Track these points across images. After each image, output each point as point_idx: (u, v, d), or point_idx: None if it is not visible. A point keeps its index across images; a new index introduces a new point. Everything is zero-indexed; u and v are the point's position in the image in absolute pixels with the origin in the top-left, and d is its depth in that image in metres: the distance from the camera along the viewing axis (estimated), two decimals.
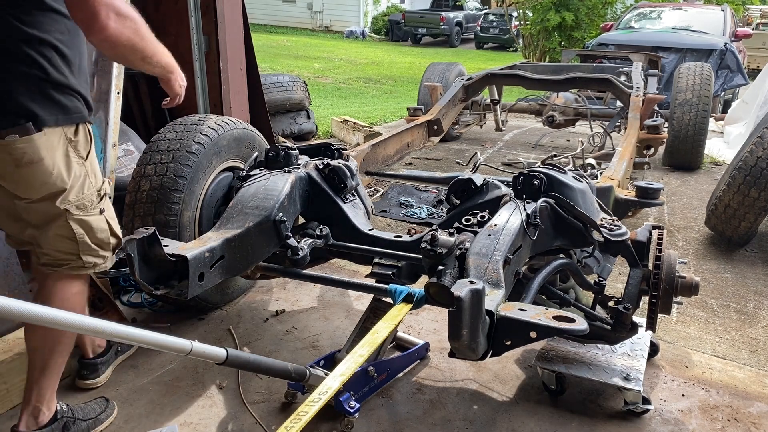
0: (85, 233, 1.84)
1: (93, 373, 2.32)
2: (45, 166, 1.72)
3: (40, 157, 1.71)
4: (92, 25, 1.66)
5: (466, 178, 2.26)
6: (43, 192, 1.75)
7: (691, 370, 2.52)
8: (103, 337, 1.95)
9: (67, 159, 1.77)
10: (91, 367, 2.33)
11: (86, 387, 2.31)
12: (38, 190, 1.74)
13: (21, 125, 1.66)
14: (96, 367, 2.33)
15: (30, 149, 1.69)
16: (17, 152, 1.68)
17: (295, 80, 6.00)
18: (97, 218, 1.87)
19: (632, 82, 5.27)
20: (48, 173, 1.73)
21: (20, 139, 1.67)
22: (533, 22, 14.19)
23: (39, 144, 1.70)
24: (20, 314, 1.22)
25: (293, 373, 1.93)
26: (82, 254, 1.85)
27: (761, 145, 3.42)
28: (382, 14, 26.24)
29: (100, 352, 2.36)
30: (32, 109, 1.67)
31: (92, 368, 2.33)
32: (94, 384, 2.31)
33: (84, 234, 1.84)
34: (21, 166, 1.70)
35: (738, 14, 13.93)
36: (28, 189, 1.74)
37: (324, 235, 2.22)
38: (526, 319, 1.54)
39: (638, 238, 2.15)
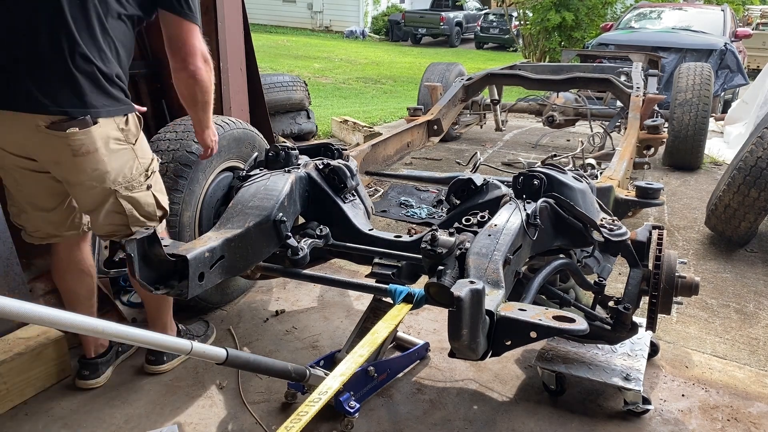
0: (133, 207, 2.03)
1: (93, 374, 2.32)
2: (99, 155, 1.90)
3: (95, 147, 1.88)
4: (187, 65, 2.01)
5: (466, 178, 2.26)
6: (95, 177, 1.92)
7: (691, 370, 2.52)
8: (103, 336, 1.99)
9: (118, 146, 1.95)
10: (92, 367, 2.33)
11: (86, 387, 2.31)
12: (90, 175, 1.92)
13: (81, 119, 1.82)
14: (96, 367, 2.33)
15: (87, 140, 1.86)
16: (76, 143, 1.84)
17: (295, 80, 6.00)
18: (145, 194, 2.06)
19: (632, 82, 5.27)
20: (100, 161, 1.91)
21: (80, 131, 1.83)
22: (533, 22, 14.18)
23: (95, 135, 1.87)
24: (20, 314, 1.22)
25: (293, 373, 1.93)
26: (131, 225, 2.03)
27: (761, 145, 3.42)
28: (382, 14, 26.22)
29: (102, 351, 2.36)
30: (91, 102, 1.84)
31: (92, 368, 2.33)
32: (94, 384, 2.31)
33: (132, 208, 2.03)
34: (78, 155, 1.87)
35: (738, 14, 13.93)
36: (80, 174, 1.91)
37: (324, 235, 2.21)
38: (526, 319, 1.53)
39: (638, 238, 2.14)
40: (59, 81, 1.80)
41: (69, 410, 2.20)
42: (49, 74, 1.79)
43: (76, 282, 2.26)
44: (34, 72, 1.79)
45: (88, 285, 2.29)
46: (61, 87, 1.80)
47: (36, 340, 2.29)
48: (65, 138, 1.83)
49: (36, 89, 1.78)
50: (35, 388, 2.27)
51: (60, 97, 1.80)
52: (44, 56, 1.78)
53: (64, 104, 1.81)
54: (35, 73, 1.79)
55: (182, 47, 2.01)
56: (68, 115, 1.81)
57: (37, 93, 1.78)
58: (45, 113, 1.80)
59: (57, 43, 1.78)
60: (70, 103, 1.81)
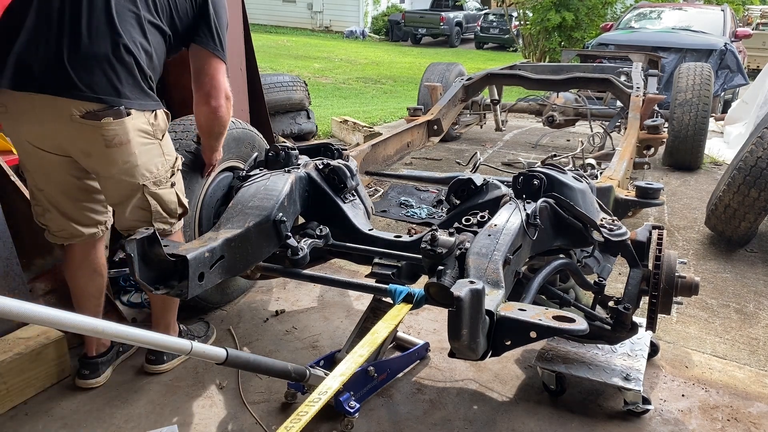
0: (158, 204, 2.08)
1: (93, 373, 2.32)
2: (131, 147, 1.94)
3: (128, 138, 1.92)
4: (210, 100, 2.14)
5: (466, 178, 2.26)
6: (125, 169, 1.97)
7: (691, 370, 2.52)
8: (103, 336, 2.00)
9: (147, 140, 1.99)
10: (92, 367, 2.33)
11: (85, 387, 2.31)
12: (121, 167, 1.96)
13: (115, 108, 1.86)
14: (96, 367, 2.33)
15: (121, 131, 1.90)
16: (110, 133, 1.89)
17: (295, 80, 6.00)
18: (169, 191, 2.11)
19: (632, 82, 5.27)
20: (132, 153, 1.95)
21: (114, 121, 1.87)
22: (533, 22, 14.18)
23: (128, 126, 1.91)
24: (20, 314, 1.22)
25: (293, 373, 1.93)
26: (153, 221, 2.08)
27: (761, 145, 3.42)
28: (382, 14, 26.22)
29: (103, 351, 2.36)
30: (126, 93, 1.88)
31: (92, 367, 2.33)
32: (93, 384, 2.31)
33: (157, 204, 2.08)
34: (111, 146, 1.91)
35: (738, 14, 13.92)
36: (111, 166, 1.96)
37: (324, 235, 2.21)
38: (526, 319, 1.53)
39: (638, 238, 2.14)
40: (98, 69, 1.84)
41: (69, 410, 2.20)
42: (89, 61, 1.83)
43: (88, 280, 2.27)
44: (74, 58, 1.82)
45: (98, 284, 2.31)
46: (100, 75, 1.84)
47: (36, 340, 2.29)
48: (99, 128, 1.87)
49: (75, 75, 1.81)
50: (35, 388, 2.27)
51: (97, 85, 1.84)
52: (86, 43, 1.82)
53: (101, 92, 1.84)
54: (75, 59, 1.82)
55: (208, 83, 2.13)
56: (104, 102, 1.85)
57: (75, 79, 1.81)
58: (81, 99, 1.83)
59: (100, 31, 1.83)
60: (106, 92, 1.85)
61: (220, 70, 2.16)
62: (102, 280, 2.32)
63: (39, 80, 1.83)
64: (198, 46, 2.13)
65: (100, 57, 1.83)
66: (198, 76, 2.16)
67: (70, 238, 2.18)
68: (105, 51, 1.84)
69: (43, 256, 2.48)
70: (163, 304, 2.37)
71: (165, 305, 2.37)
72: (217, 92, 2.15)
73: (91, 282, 2.28)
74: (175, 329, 2.46)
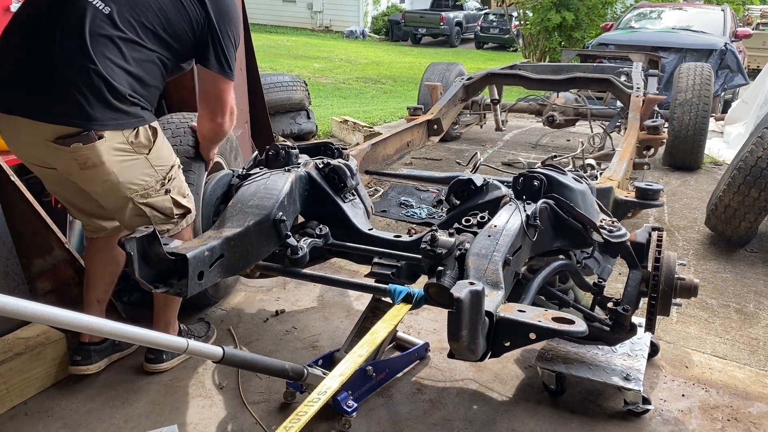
0: (153, 210, 2.11)
1: (85, 360, 2.33)
2: (106, 168, 1.95)
3: (101, 161, 1.92)
4: (215, 117, 2.21)
5: (466, 179, 2.26)
6: (107, 188, 2.01)
7: (691, 370, 2.52)
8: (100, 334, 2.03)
9: (127, 157, 1.99)
10: (84, 353, 2.33)
11: (76, 373, 2.31)
12: (102, 186, 2.00)
13: (84, 134, 1.86)
14: (89, 354, 2.33)
15: (93, 155, 1.90)
16: (81, 158, 1.90)
17: (295, 80, 6.00)
18: (162, 198, 2.12)
19: (632, 83, 5.27)
20: (109, 172, 1.96)
21: (84, 146, 1.88)
22: (533, 22, 14.18)
23: (100, 150, 1.90)
24: (21, 313, 1.22)
25: (291, 371, 1.93)
26: (154, 224, 2.10)
27: (761, 145, 3.42)
28: (382, 14, 26.22)
29: (96, 340, 2.36)
30: (96, 116, 1.87)
31: (84, 354, 2.33)
32: (85, 371, 2.32)
33: (153, 210, 2.11)
34: (85, 168, 1.93)
35: (738, 14, 13.92)
36: (92, 185, 2.01)
37: (324, 235, 2.21)
38: (526, 320, 1.53)
39: (638, 240, 2.14)
40: (68, 94, 1.85)
41: (69, 410, 2.20)
42: (60, 87, 1.85)
43: (105, 266, 2.35)
44: (47, 83, 1.86)
45: (112, 271, 2.38)
46: (70, 100, 1.85)
47: (36, 340, 2.29)
48: (71, 153, 1.89)
49: (48, 100, 1.85)
50: (35, 388, 2.27)
51: (68, 110, 1.86)
52: (57, 69, 1.85)
53: (71, 116, 1.86)
54: (49, 84, 1.86)
55: (214, 102, 2.19)
56: (75, 126, 1.86)
57: (48, 104, 1.85)
58: (53, 123, 1.86)
59: (71, 57, 1.85)
60: (76, 116, 1.86)
61: (226, 90, 2.20)
62: (117, 268, 2.39)
63: (23, 104, 1.88)
64: (203, 67, 2.15)
65: (69, 83, 1.84)
66: (203, 95, 2.21)
67: (97, 232, 2.31)
68: (74, 76, 1.84)
69: (43, 256, 2.47)
70: (164, 302, 2.39)
71: (166, 303, 2.39)
72: (223, 111, 2.22)
73: (108, 268, 2.36)
74: (174, 328, 2.47)
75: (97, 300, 2.36)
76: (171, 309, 2.43)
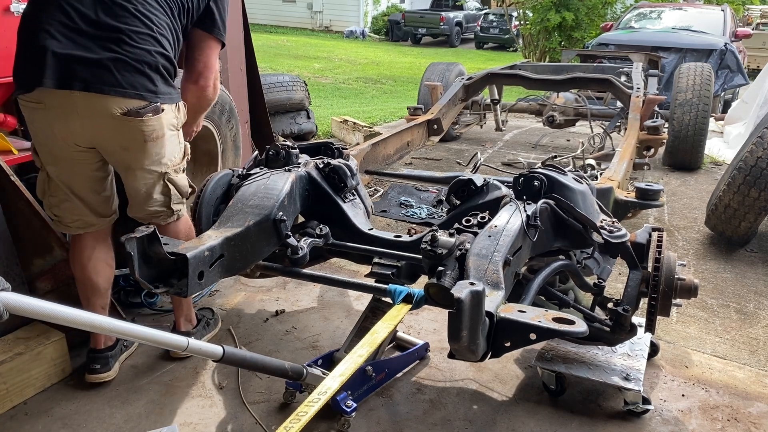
0: (175, 188, 2.24)
1: (104, 367, 2.32)
2: (165, 140, 2.11)
3: (163, 132, 2.09)
4: (199, 79, 2.26)
5: (466, 179, 2.26)
6: (155, 160, 2.12)
7: (691, 370, 2.52)
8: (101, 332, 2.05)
9: (172, 132, 2.15)
10: (102, 360, 2.32)
11: (96, 381, 2.30)
12: (152, 159, 2.11)
13: (154, 105, 2.02)
14: (107, 360, 2.33)
15: (158, 125, 2.06)
16: (149, 128, 2.03)
17: (295, 80, 5.99)
18: (182, 176, 2.28)
19: (632, 83, 5.26)
20: (164, 144, 2.11)
21: (153, 117, 2.03)
22: (533, 22, 14.17)
23: (163, 121, 2.07)
24: (21, 309, 1.22)
25: (290, 371, 1.93)
26: (172, 205, 2.25)
27: (761, 145, 3.42)
28: (382, 14, 26.20)
29: (110, 344, 2.37)
30: (161, 90, 2.04)
31: (103, 361, 2.32)
32: (105, 378, 2.31)
33: (175, 189, 2.24)
34: (149, 140, 2.06)
35: (738, 14, 13.91)
36: (145, 158, 2.10)
37: (324, 235, 2.21)
38: (526, 320, 1.53)
39: (638, 240, 2.14)
40: (139, 70, 1.98)
41: (69, 410, 2.20)
42: (131, 63, 1.96)
43: (99, 272, 2.30)
44: (117, 59, 1.95)
45: (107, 276, 2.34)
46: (140, 75, 1.98)
47: (36, 340, 2.29)
48: (141, 123, 2.01)
49: (118, 75, 1.95)
50: (35, 388, 2.27)
51: (139, 83, 1.98)
52: (128, 48, 1.96)
53: (141, 90, 1.99)
54: (118, 61, 1.95)
55: (201, 63, 2.25)
56: (145, 99, 2.00)
57: (119, 78, 1.95)
58: (124, 96, 1.97)
59: (140, 37, 1.98)
60: (146, 90, 2.00)
61: (215, 52, 2.28)
62: (111, 272, 2.36)
63: (83, 79, 1.93)
64: (201, 30, 2.23)
65: (141, 60, 1.98)
66: (191, 55, 2.26)
67: (85, 228, 2.25)
68: (145, 55, 1.98)
69: (43, 256, 2.47)
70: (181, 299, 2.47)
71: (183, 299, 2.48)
72: (209, 73, 2.27)
73: (101, 273, 2.31)
74: (193, 320, 2.60)
75: (101, 306, 2.33)
76: (188, 303, 2.55)
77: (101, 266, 2.30)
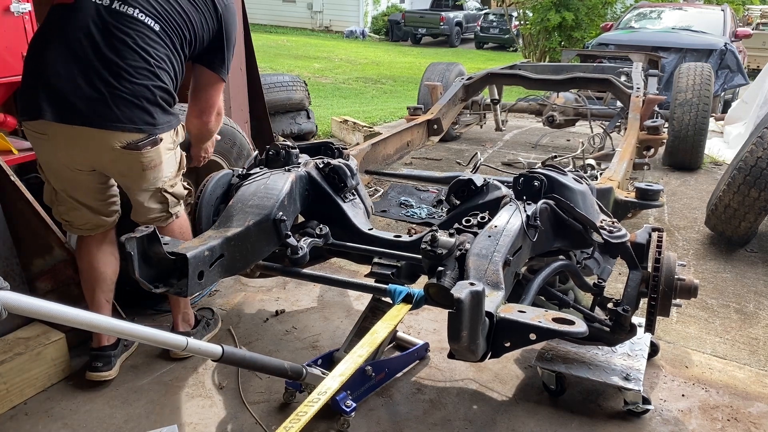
0: (172, 196, 2.31)
1: (106, 365, 2.32)
2: (163, 166, 2.18)
3: (161, 160, 2.16)
4: (201, 115, 2.37)
5: (466, 179, 2.26)
6: (152, 182, 2.20)
7: (691, 370, 2.52)
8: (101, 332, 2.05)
9: (170, 153, 2.21)
10: (105, 359, 2.33)
11: (98, 379, 2.31)
12: (150, 182, 2.19)
13: (152, 138, 2.08)
14: (109, 359, 2.34)
15: (155, 155, 2.13)
16: (147, 159, 2.10)
17: (295, 80, 5.99)
18: (179, 185, 2.35)
19: (632, 83, 5.26)
20: (161, 169, 2.19)
21: (152, 149, 2.10)
22: (533, 22, 14.17)
23: (161, 150, 2.14)
24: (21, 309, 1.22)
25: (289, 371, 1.93)
26: (170, 209, 2.32)
27: (761, 145, 3.42)
28: (382, 14, 26.19)
29: (113, 342, 2.38)
30: (159, 121, 2.09)
31: (106, 360, 2.33)
32: (107, 377, 2.32)
33: (172, 196, 2.31)
34: (147, 169, 2.14)
35: (738, 14, 13.91)
36: (143, 183, 2.18)
37: (324, 235, 2.21)
38: (526, 321, 1.53)
39: (638, 240, 2.14)
40: (138, 105, 2.03)
41: (69, 410, 2.20)
42: (130, 99, 2.01)
43: (107, 264, 2.36)
44: (116, 95, 1.99)
45: (114, 267, 2.39)
46: (139, 110, 2.03)
47: (36, 340, 2.29)
48: (139, 156, 2.08)
49: (117, 110, 2.00)
50: (35, 388, 2.27)
51: (138, 118, 2.04)
52: (126, 83, 2.00)
53: (140, 124, 2.04)
54: (117, 97, 1.99)
55: (204, 101, 2.35)
56: (144, 132, 2.06)
57: (118, 113, 2.00)
58: (123, 131, 2.02)
59: (138, 73, 2.02)
60: (145, 123, 2.05)
61: (218, 91, 2.37)
62: (117, 263, 2.40)
63: (83, 114, 1.98)
64: (206, 69, 2.30)
65: (139, 95, 2.02)
66: (196, 93, 2.35)
67: (95, 229, 2.32)
68: (143, 90, 2.03)
69: (43, 256, 2.47)
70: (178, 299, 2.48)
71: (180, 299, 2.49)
72: (210, 110, 2.37)
73: (109, 266, 2.37)
74: (191, 322, 2.61)
75: (106, 300, 2.37)
76: (185, 302, 2.55)
77: (108, 258, 2.36)
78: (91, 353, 2.34)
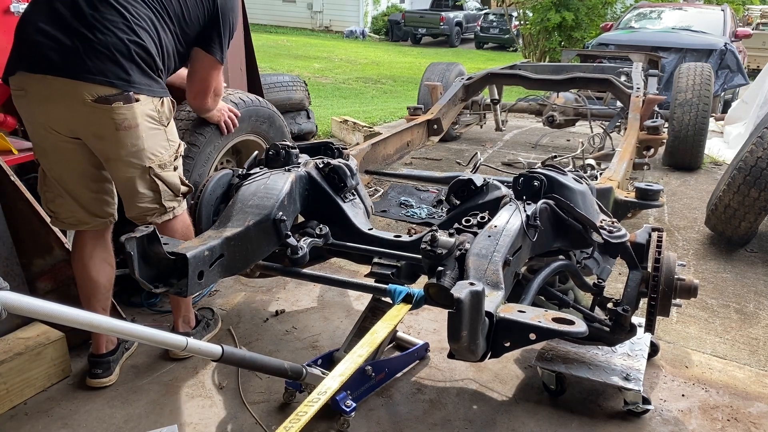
0: (164, 184, 2.21)
1: (106, 372, 2.32)
2: (138, 131, 2.08)
3: (136, 123, 2.06)
4: (197, 97, 2.45)
5: (466, 179, 2.26)
6: (132, 152, 2.10)
7: (691, 370, 2.52)
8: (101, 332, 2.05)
9: (153, 125, 2.13)
10: (104, 365, 2.33)
11: (98, 386, 2.31)
12: (129, 150, 2.09)
13: (125, 94, 2.01)
14: (108, 365, 2.34)
15: (130, 115, 2.04)
16: (119, 117, 2.02)
17: (295, 80, 5.99)
18: (172, 174, 2.24)
19: (632, 83, 5.26)
20: (139, 136, 2.09)
21: (124, 106, 2.01)
22: (533, 22, 14.17)
23: (137, 111, 2.05)
24: (21, 309, 1.22)
25: (289, 370, 1.93)
26: (164, 201, 2.22)
27: (761, 145, 3.42)
28: (382, 14, 26.20)
29: (112, 348, 2.37)
30: (135, 80, 2.04)
31: (105, 366, 2.33)
32: (107, 383, 2.32)
33: (164, 185, 2.21)
34: (120, 129, 2.05)
35: (738, 14, 13.91)
36: (120, 149, 2.08)
37: (323, 235, 2.21)
38: (526, 321, 1.53)
39: (638, 240, 2.14)
40: (110, 58, 1.99)
41: (69, 410, 2.20)
42: (102, 52, 1.98)
43: (99, 271, 2.31)
44: (89, 47, 1.97)
45: (108, 275, 2.34)
46: (112, 64, 1.99)
47: (36, 340, 2.29)
48: (110, 111, 2.00)
49: (89, 62, 1.97)
50: (35, 388, 2.27)
51: (110, 71, 1.99)
52: (100, 37, 1.98)
53: (112, 78, 1.99)
54: (90, 49, 1.97)
55: (199, 83, 2.38)
56: (115, 87, 1.99)
57: (89, 65, 1.97)
58: (94, 83, 1.97)
59: (115, 27, 2.00)
60: (117, 78, 2.00)
61: (216, 74, 2.39)
62: (112, 271, 2.36)
63: (55, 64, 1.96)
64: (202, 50, 2.30)
65: (112, 49, 1.99)
66: (192, 75, 2.38)
67: (78, 225, 2.25)
68: (117, 43, 1.99)
69: (43, 256, 2.47)
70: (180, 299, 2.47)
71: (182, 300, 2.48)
72: (206, 92, 2.43)
73: (102, 273, 2.31)
74: (191, 322, 2.60)
75: (102, 308, 2.33)
76: (187, 304, 2.54)
77: (102, 265, 2.31)
78: (90, 360, 2.34)
